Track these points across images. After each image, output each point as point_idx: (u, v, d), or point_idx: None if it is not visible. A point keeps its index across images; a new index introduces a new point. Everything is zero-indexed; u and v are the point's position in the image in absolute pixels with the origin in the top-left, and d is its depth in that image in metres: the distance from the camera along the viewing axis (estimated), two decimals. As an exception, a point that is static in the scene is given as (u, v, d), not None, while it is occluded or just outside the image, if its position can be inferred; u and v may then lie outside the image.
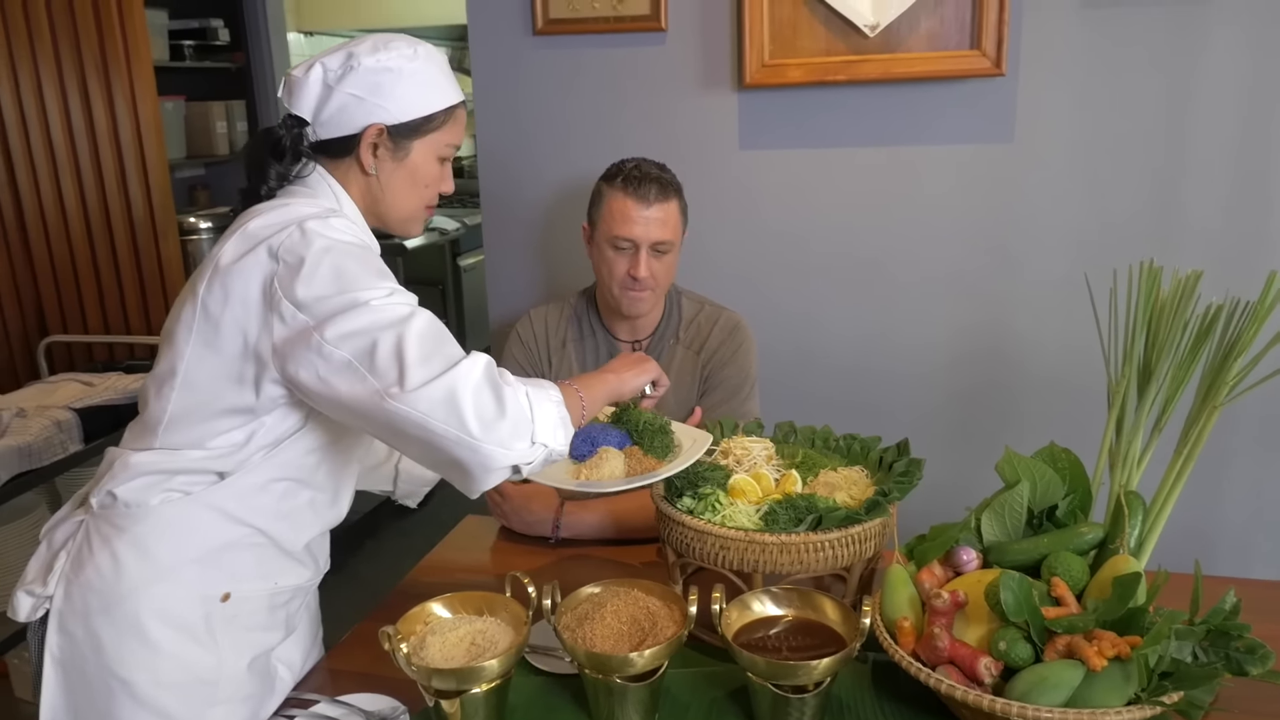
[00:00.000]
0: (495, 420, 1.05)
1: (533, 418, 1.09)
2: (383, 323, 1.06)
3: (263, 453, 1.17)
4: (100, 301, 3.11)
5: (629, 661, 1.09)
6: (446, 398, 1.04)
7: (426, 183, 1.26)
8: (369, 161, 1.21)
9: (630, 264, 1.71)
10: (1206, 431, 1.17)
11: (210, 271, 1.12)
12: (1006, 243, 2.07)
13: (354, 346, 1.06)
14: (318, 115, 1.20)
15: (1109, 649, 1.01)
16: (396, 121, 1.20)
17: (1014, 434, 2.09)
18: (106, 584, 1.14)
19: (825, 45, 1.97)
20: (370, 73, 1.18)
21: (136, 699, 1.14)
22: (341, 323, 1.06)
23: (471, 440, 1.05)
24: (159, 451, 1.15)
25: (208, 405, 1.14)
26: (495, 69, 2.21)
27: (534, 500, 1.65)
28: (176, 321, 1.15)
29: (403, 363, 1.04)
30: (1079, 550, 1.17)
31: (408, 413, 1.04)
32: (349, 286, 1.08)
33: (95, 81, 2.91)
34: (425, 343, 1.07)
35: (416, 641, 1.15)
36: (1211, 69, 1.89)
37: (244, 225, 1.15)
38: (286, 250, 1.09)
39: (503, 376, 1.10)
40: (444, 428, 1.05)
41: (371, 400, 1.05)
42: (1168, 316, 1.20)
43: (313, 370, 1.07)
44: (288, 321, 1.08)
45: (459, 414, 1.04)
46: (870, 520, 1.23)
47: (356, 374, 1.06)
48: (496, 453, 1.07)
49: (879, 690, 1.20)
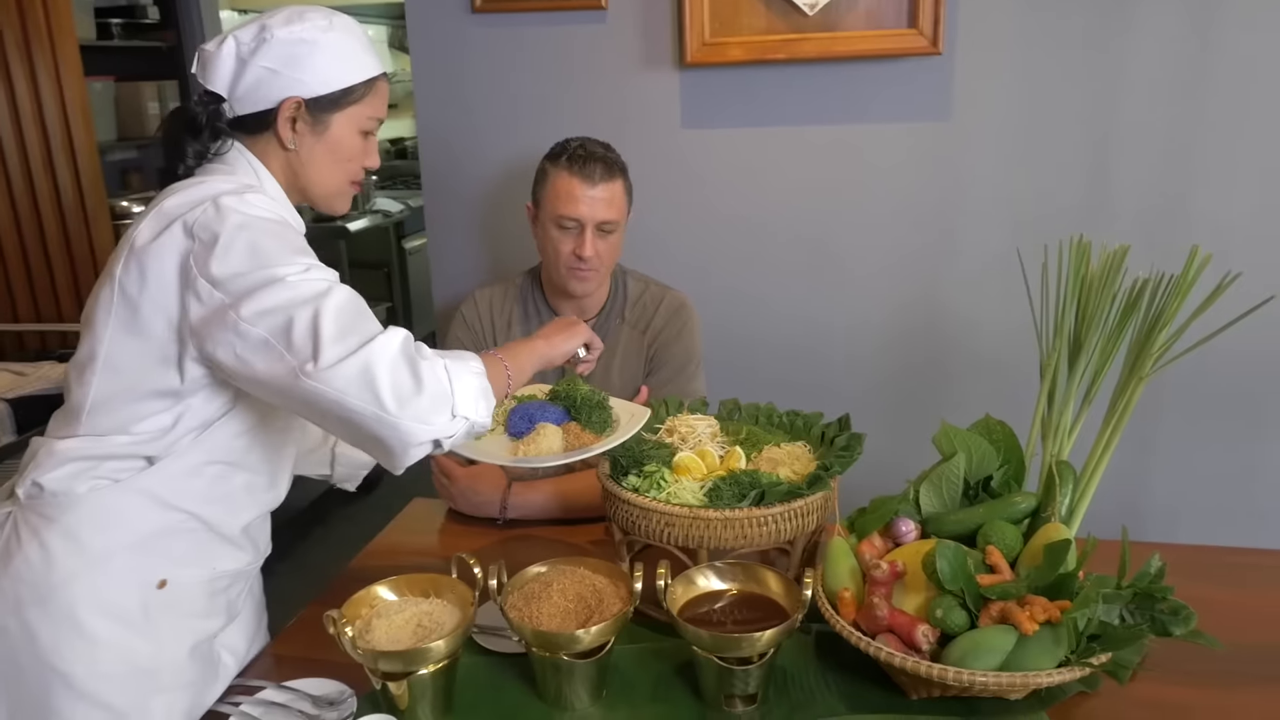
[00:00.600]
0: (412, 396, 1.03)
1: (452, 391, 1.07)
2: (299, 299, 1.04)
3: (191, 436, 1.15)
4: (30, 289, 3.02)
5: (575, 639, 1.10)
6: (361, 374, 1.02)
7: (349, 157, 1.24)
8: (287, 136, 1.19)
9: (576, 244, 1.71)
10: (1133, 402, 1.21)
11: (126, 252, 1.10)
12: (945, 221, 2.10)
13: (270, 324, 1.04)
14: (233, 90, 1.17)
15: (1040, 614, 1.04)
16: (314, 95, 1.17)
17: (954, 409, 2.13)
18: (37, 575, 1.12)
19: (765, 23, 1.98)
20: (284, 45, 1.15)
21: (75, 691, 1.12)
22: (257, 300, 1.04)
23: (388, 417, 1.03)
24: (84, 438, 1.12)
25: (131, 389, 1.12)
26: (434, 48, 2.18)
27: (481, 481, 1.65)
28: (95, 304, 1.12)
29: (318, 339, 1.02)
30: (1013, 519, 1.21)
31: (324, 390, 1.02)
32: (265, 263, 1.05)
33: (17, 60, 2.81)
34: (341, 318, 1.04)
35: (362, 625, 1.15)
36: (1143, 48, 1.93)
37: (159, 204, 1.12)
38: (201, 227, 1.07)
39: (419, 350, 1.08)
40: (360, 404, 1.02)
41: (288, 378, 1.03)
42: (1096, 290, 1.23)
43: (230, 349, 1.05)
44: (204, 300, 1.06)
45: (374, 390, 1.02)
46: (812, 494, 1.25)
47: (273, 351, 1.04)
48: (415, 428, 1.05)
49: (822, 660, 1.22)
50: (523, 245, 2.26)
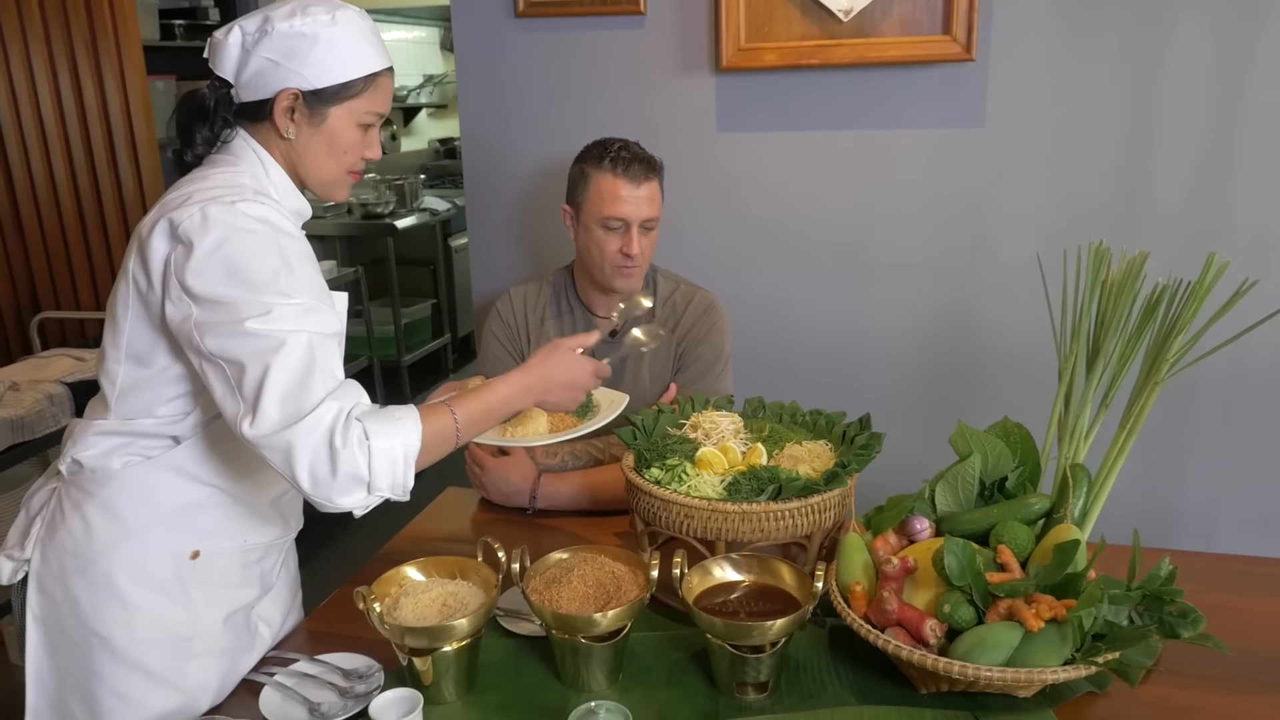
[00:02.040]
0: (327, 480, 1.07)
1: (370, 472, 1.09)
2: (254, 351, 1.06)
3: (211, 416, 1.20)
4: (92, 279, 3.15)
5: (593, 622, 1.14)
6: (284, 452, 1.05)
7: (345, 149, 1.24)
8: (284, 125, 1.20)
9: (622, 242, 1.76)
10: (1148, 407, 1.22)
11: (135, 246, 1.14)
12: (977, 226, 2.11)
13: (227, 362, 1.08)
14: (238, 78, 1.20)
15: (1046, 611, 1.06)
16: (311, 87, 1.18)
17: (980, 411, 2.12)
18: (79, 545, 1.19)
19: (800, 29, 2.01)
20: (284, 37, 1.16)
21: (115, 654, 1.19)
22: (220, 337, 1.07)
23: (302, 491, 1.08)
24: (113, 421, 1.19)
25: (151, 376, 1.17)
26: (477, 51, 2.25)
27: (512, 470, 1.70)
28: (114, 296, 1.17)
29: (259, 400, 1.05)
30: (1026, 520, 1.22)
31: (254, 446, 1.07)
32: (233, 295, 1.07)
33: (85, 61, 2.94)
34: (287, 382, 1.06)
35: (390, 603, 1.21)
36: (1178, 56, 1.92)
37: (165, 196, 1.16)
38: (184, 232, 1.09)
39: (348, 430, 1.07)
40: (283, 472, 1.07)
41: (231, 418, 1.08)
42: (1115, 295, 1.25)
43: (195, 360, 1.11)
44: (177, 304, 1.10)
45: (292, 469, 1.06)
46: (829, 491, 1.28)
47: (226, 386, 1.08)
48: (325, 505, 1.10)
49: (834, 653, 1.25)
50: (560, 245, 2.31)
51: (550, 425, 1.40)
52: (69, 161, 3.02)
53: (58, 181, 3.03)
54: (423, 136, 6.40)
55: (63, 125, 2.99)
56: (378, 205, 4.72)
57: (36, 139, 2.99)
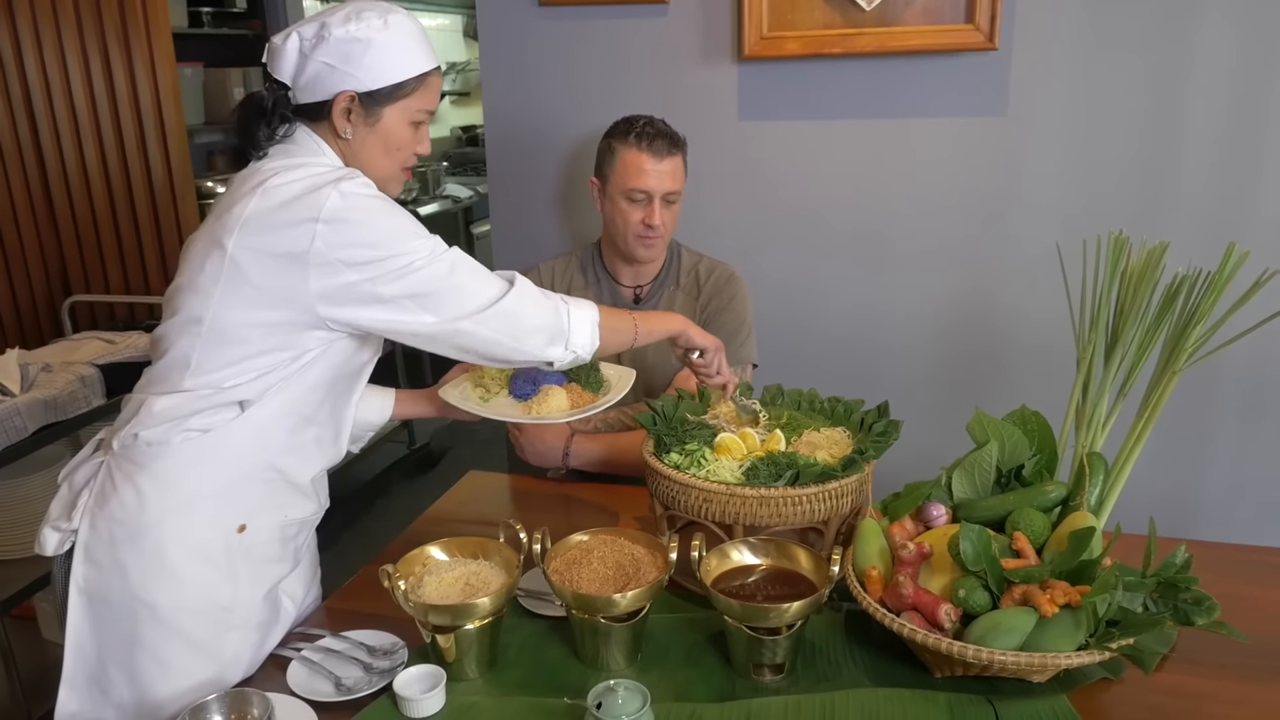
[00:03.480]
0: (543, 330, 1.29)
1: (569, 329, 1.31)
2: (434, 277, 1.21)
3: (279, 385, 1.24)
4: (121, 262, 3.19)
5: (613, 602, 1.17)
6: (512, 315, 1.25)
7: (399, 146, 1.31)
8: (342, 126, 1.27)
9: (645, 214, 1.84)
10: (1166, 396, 1.22)
11: (237, 227, 1.17)
12: (998, 214, 2.11)
13: (413, 297, 1.21)
14: (296, 81, 1.26)
15: (1060, 597, 1.07)
16: (367, 89, 1.25)
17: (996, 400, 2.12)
18: (130, 515, 1.22)
19: (823, 18, 2.01)
20: (341, 42, 1.23)
21: (159, 621, 1.22)
22: (398, 280, 1.19)
23: (524, 351, 1.28)
24: (183, 394, 1.21)
25: (232, 350, 1.20)
26: (501, 39, 2.26)
27: (548, 430, 1.81)
28: (200, 272, 1.19)
29: (463, 296, 1.23)
30: (1042, 507, 1.23)
31: (477, 330, 1.24)
32: (396, 246, 1.19)
33: (116, 48, 2.97)
34: (475, 274, 1.26)
35: (414, 581, 1.23)
36: (1201, 46, 1.91)
37: (263, 184, 1.19)
38: (330, 213, 1.15)
39: (543, 290, 1.31)
40: (507, 340, 1.26)
41: (435, 329, 1.23)
42: (1135, 285, 1.25)
43: (375, 317, 1.21)
44: (333, 274, 1.17)
45: (523, 326, 1.27)
46: (846, 477, 1.30)
47: (417, 314, 1.22)
48: (539, 356, 1.30)
49: (850, 636, 1.27)
50: (581, 231, 2.33)
51: (571, 402, 1.50)
52: (100, 147, 3.06)
53: (89, 167, 3.08)
54: (445, 124, 6.42)
55: (94, 111, 3.03)
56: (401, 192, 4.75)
57: (68, 125, 3.04)
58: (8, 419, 2.08)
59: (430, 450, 4.08)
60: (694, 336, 1.48)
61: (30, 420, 2.14)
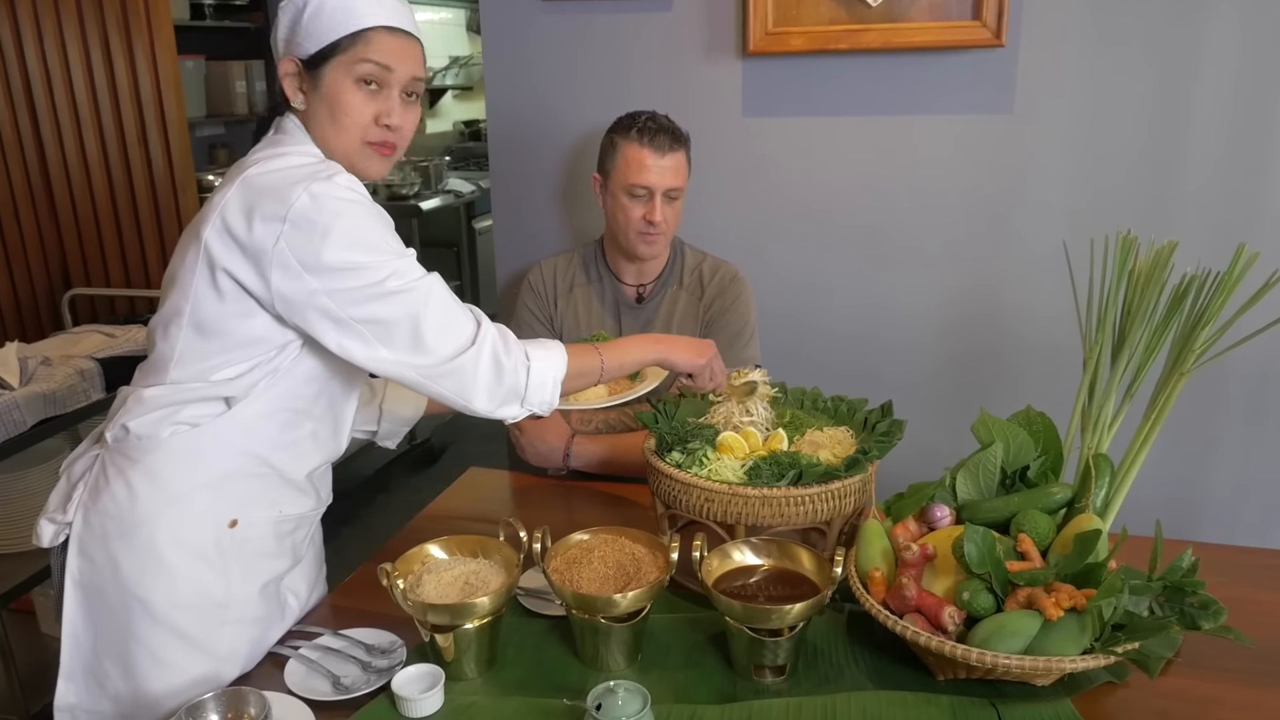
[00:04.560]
0: (492, 391, 1.23)
1: (526, 386, 1.25)
2: (402, 305, 1.16)
3: (267, 380, 1.23)
4: (121, 256, 3.18)
5: (613, 603, 1.16)
6: (458, 377, 1.20)
7: (345, 111, 1.22)
8: (294, 96, 1.25)
9: (646, 210, 1.82)
10: (1173, 397, 1.21)
11: (216, 219, 1.16)
12: (1003, 212, 2.09)
13: (371, 323, 1.17)
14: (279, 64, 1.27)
15: (1065, 600, 1.06)
16: (306, 54, 1.22)
17: (1004, 400, 2.12)
18: (122, 510, 1.21)
19: (828, 14, 1.99)
20: (287, 12, 1.24)
21: (153, 617, 1.21)
22: (362, 303, 1.15)
23: (472, 408, 1.23)
24: (169, 386, 1.21)
25: (214, 342, 1.19)
26: (504, 33, 2.25)
27: (548, 431, 1.80)
28: (181, 264, 1.19)
29: (422, 342, 1.18)
30: (1047, 509, 1.22)
31: (425, 383, 1.20)
32: (363, 261, 1.15)
33: (117, 39, 2.96)
34: (441, 320, 1.19)
35: (413, 580, 1.22)
36: (1209, 43, 1.89)
37: (242, 175, 1.18)
38: (298, 214, 1.12)
39: (509, 349, 1.23)
40: (453, 397, 1.22)
41: (386, 366, 1.19)
42: (1142, 285, 1.24)
43: (329, 335, 1.17)
44: (301, 283, 1.14)
45: (469, 391, 1.21)
46: (849, 477, 1.28)
47: (370, 346, 1.18)
48: (488, 414, 1.25)
49: (852, 638, 1.26)
50: (583, 227, 2.31)
51: (609, 389, 1.50)
52: (100, 140, 3.05)
53: (89, 159, 3.07)
54: (448, 118, 6.41)
55: (94, 103, 3.02)
56: (403, 187, 4.74)
57: (69, 117, 3.02)
58: (6, 413, 2.07)
59: (431, 446, 4.07)
60: (676, 363, 1.40)
61: (29, 414, 2.13)
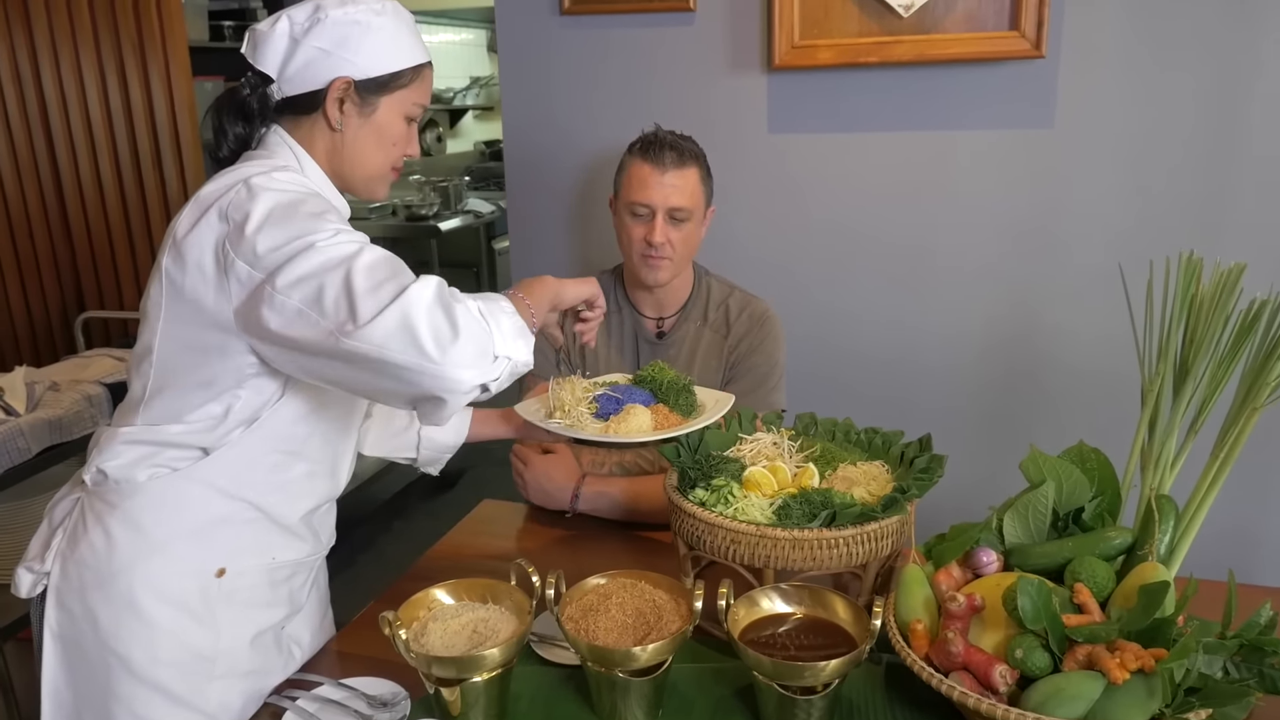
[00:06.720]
0: (451, 341, 0.99)
1: (490, 331, 1.03)
2: (329, 262, 1.01)
3: (242, 427, 1.15)
4: (135, 278, 3.16)
5: (631, 656, 1.07)
6: (399, 325, 0.98)
7: (393, 141, 1.23)
8: (335, 117, 1.18)
9: (647, 230, 1.70)
10: (1245, 435, 1.11)
11: (170, 244, 1.11)
12: (1043, 231, 2.00)
13: (303, 293, 1.01)
14: (283, 71, 1.18)
15: (1132, 661, 0.96)
16: (364, 76, 1.17)
17: (1044, 431, 2.03)
18: (100, 560, 1.14)
19: (857, 26, 1.92)
20: (337, 25, 1.15)
21: (134, 675, 1.14)
22: (290, 270, 1.02)
23: (431, 365, 0.99)
24: (141, 427, 1.14)
25: (182, 379, 1.13)
26: (522, 50, 2.19)
27: (556, 469, 1.66)
28: (147, 297, 1.14)
29: (352, 298, 0.99)
30: (1105, 556, 1.12)
31: (364, 348, 0.99)
32: (295, 234, 1.03)
33: (132, 62, 2.95)
34: (374, 274, 1.01)
35: (418, 628, 1.14)
36: (1262, 52, 1.80)
37: (197, 193, 1.14)
38: (234, 208, 1.06)
39: (454, 295, 1.04)
40: (402, 357, 0.99)
41: (327, 342, 1.00)
42: (1207, 311, 1.14)
43: (269, 325, 1.03)
44: (243, 281, 1.05)
45: (414, 339, 0.98)
46: (887, 518, 1.19)
47: (308, 319, 1.01)
48: (459, 374, 1.01)
49: (891, 693, 1.17)
50: (603, 247, 2.24)
51: (655, 424, 1.35)
52: (115, 162, 3.03)
53: (104, 181, 3.05)
54: (468, 138, 6.40)
55: (109, 125, 3.00)
56: (422, 207, 4.72)
57: (84, 139, 3.01)
58: (10, 440, 2.02)
59: (447, 470, 4.00)
60: (565, 297, 1.29)
61: (34, 441, 2.08)
